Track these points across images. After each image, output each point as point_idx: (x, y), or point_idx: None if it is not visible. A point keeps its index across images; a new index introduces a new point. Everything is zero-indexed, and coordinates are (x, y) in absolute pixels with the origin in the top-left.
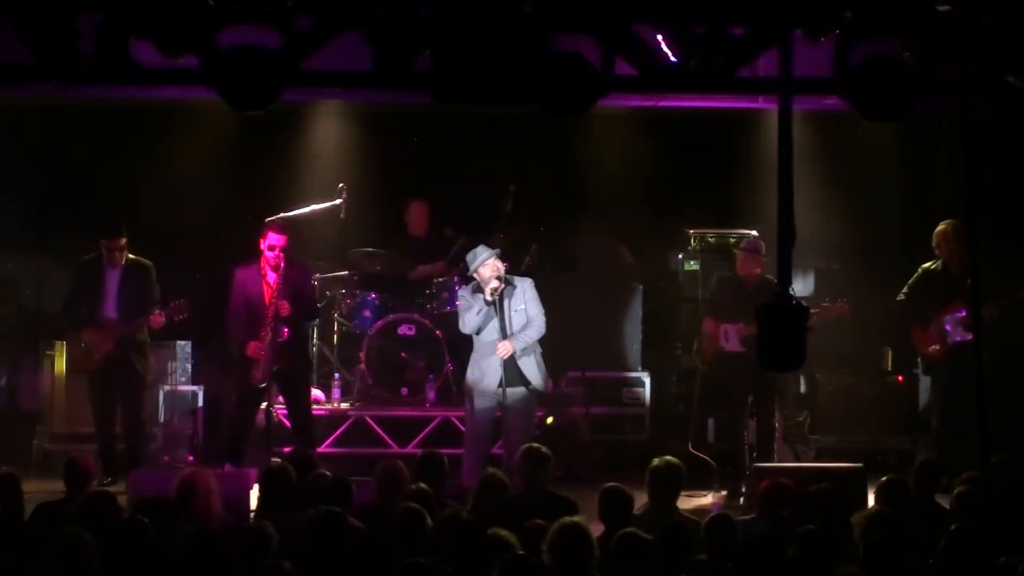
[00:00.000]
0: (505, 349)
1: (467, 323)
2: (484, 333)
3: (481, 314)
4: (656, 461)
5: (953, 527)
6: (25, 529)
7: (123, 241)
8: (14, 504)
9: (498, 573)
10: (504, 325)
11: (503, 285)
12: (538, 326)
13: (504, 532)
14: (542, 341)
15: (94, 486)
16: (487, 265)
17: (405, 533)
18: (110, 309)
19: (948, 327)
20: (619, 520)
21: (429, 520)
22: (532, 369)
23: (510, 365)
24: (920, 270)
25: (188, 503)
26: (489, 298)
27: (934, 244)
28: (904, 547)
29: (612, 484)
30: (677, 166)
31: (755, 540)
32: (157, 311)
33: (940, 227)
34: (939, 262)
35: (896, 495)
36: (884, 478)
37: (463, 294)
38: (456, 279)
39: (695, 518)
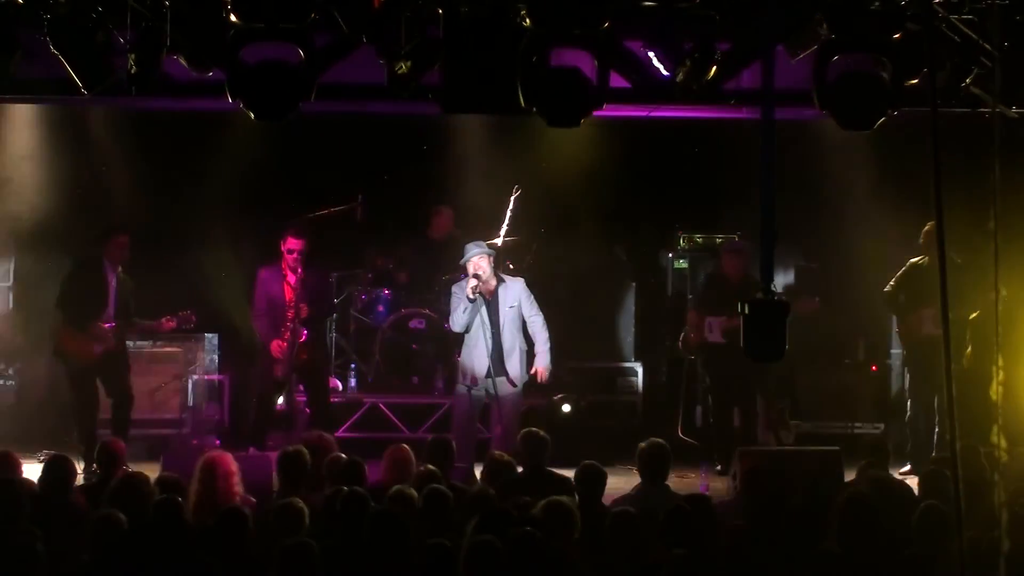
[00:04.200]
0: (543, 375)
1: (455, 321)
2: (473, 326)
3: (467, 312)
4: (643, 444)
5: (922, 505)
6: (71, 510)
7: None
8: (63, 486)
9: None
10: (498, 320)
11: (481, 283)
12: (543, 326)
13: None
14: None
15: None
16: (471, 262)
17: (427, 512)
18: (112, 308)
19: (924, 319)
20: (593, 494)
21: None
22: (515, 365)
23: (496, 359)
24: (908, 264)
25: (209, 484)
26: (471, 295)
27: (921, 242)
28: (878, 525)
29: (587, 462)
30: (669, 172)
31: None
32: (168, 317)
33: (927, 226)
34: (925, 258)
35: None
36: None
37: (455, 290)
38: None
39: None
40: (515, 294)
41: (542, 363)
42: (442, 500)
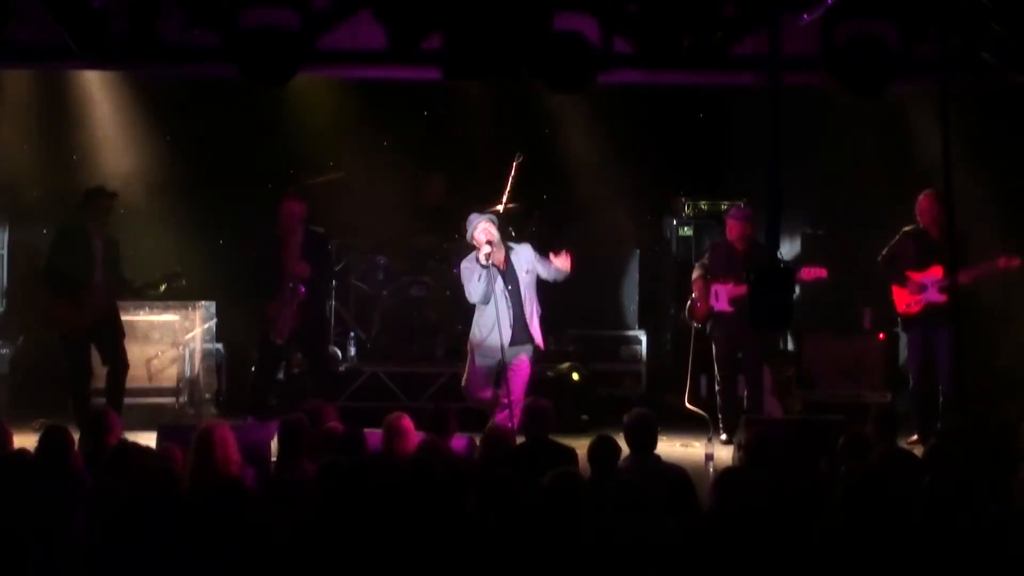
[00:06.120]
0: (566, 262)
1: (472, 292)
2: (489, 299)
3: (482, 280)
4: (627, 416)
5: (928, 478)
6: (69, 478)
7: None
8: (61, 455)
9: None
10: (517, 288)
11: (495, 248)
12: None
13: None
14: (546, 302)
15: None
16: (480, 231)
17: (416, 480)
18: (99, 275)
19: (924, 287)
20: (606, 466)
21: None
22: (536, 329)
23: (520, 326)
24: (901, 232)
25: (206, 454)
26: (484, 262)
27: (916, 210)
28: (882, 496)
29: (602, 434)
30: (673, 137)
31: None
32: (157, 280)
33: (922, 195)
34: (920, 226)
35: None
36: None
37: (465, 264)
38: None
39: (678, 465)
40: (527, 258)
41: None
42: (431, 470)
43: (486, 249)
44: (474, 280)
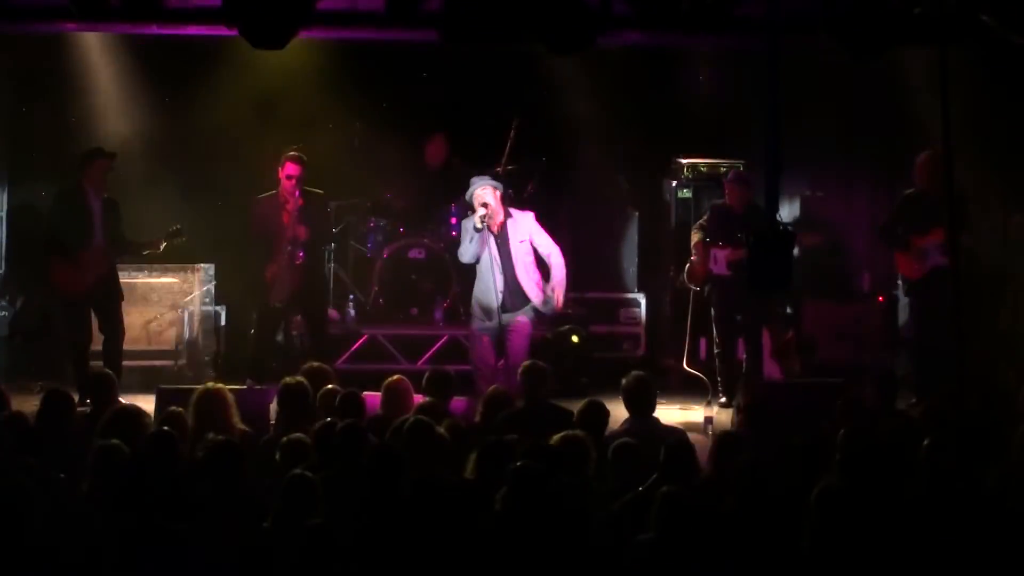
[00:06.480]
0: (560, 302)
1: (463, 252)
2: (483, 260)
3: (474, 242)
4: (625, 379)
5: (927, 441)
6: (71, 441)
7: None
8: (63, 418)
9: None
10: (509, 255)
11: (489, 211)
12: (561, 266)
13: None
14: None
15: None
16: (476, 195)
17: (415, 443)
18: (99, 237)
19: (927, 251)
20: (596, 430)
21: (438, 430)
22: (536, 293)
23: (515, 291)
24: (901, 196)
25: (206, 417)
26: (479, 224)
27: (915, 172)
28: (880, 458)
29: (591, 398)
30: (672, 98)
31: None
32: (157, 238)
33: (921, 156)
34: (919, 188)
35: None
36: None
37: (464, 223)
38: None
39: (677, 427)
40: (525, 228)
41: (556, 290)
42: (427, 432)
43: (481, 212)
44: (466, 240)
